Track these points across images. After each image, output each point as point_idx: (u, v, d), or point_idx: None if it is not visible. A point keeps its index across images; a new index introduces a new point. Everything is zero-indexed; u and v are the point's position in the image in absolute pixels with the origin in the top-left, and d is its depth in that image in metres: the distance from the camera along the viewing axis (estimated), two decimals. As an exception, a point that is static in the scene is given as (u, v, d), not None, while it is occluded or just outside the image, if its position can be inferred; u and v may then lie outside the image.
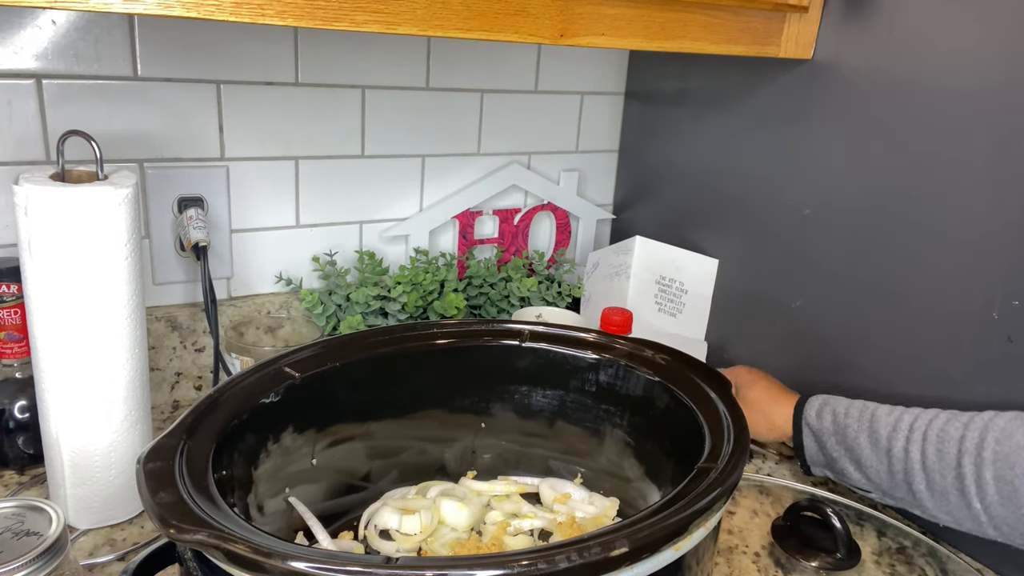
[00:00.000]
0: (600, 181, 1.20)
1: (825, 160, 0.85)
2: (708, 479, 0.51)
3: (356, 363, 0.67)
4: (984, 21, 0.69)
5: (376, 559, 0.42)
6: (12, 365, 0.74)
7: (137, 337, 0.66)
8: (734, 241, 0.98)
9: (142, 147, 0.85)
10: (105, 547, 0.67)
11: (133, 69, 0.82)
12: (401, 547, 0.66)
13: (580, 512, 0.71)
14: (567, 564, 0.41)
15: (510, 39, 0.66)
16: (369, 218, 1.02)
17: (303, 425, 0.64)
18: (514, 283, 1.06)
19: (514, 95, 1.07)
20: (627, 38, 0.73)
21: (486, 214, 1.10)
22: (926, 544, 0.74)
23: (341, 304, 0.96)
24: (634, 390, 0.70)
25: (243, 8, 0.54)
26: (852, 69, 0.81)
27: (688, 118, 1.04)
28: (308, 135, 0.94)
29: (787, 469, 0.86)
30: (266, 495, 0.60)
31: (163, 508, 0.44)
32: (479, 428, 0.75)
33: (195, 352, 0.91)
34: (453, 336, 0.72)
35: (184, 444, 0.52)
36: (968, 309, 0.71)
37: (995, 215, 0.69)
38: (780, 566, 0.70)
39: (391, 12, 0.60)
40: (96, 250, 0.61)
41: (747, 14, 0.79)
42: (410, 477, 0.73)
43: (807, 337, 0.89)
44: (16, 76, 0.77)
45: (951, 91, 0.72)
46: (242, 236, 0.94)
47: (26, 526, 0.49)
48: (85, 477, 0.67)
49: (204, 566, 0.44)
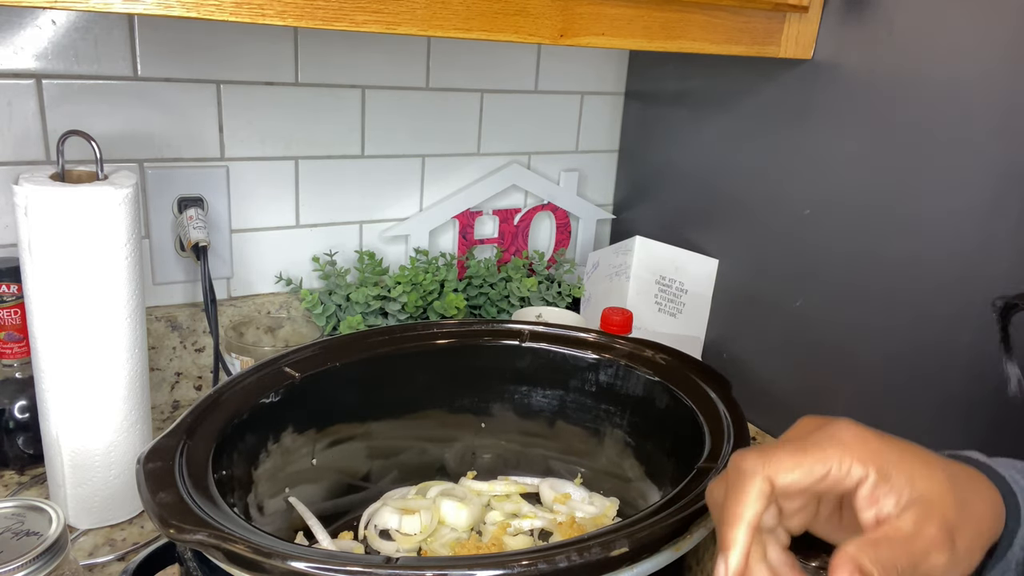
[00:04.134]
0: (600, 181, 1.20)
1: (825, 160, 0.85)
2: (708, 479, 0.51)
3: (356, 363, 0.67)
4: (984, 21, 0.69)
5: (376, 559, 0.42)
6: (12, 365, 0.74)
7: (137, 337, 0.66)
8: (734, 241, 0.98)
9: (142, 147, 0.84)
10: (105, 547, 0.67)
11: (133, 69, 0.82)
12: (401, 547, 0.66)
13: (580, 512, 0.71)
14: (567, 564, 0.41)
15: (510, 39, 0.66)
16: (369, 218, 1.02)
17: (303, 425, 0.64)
18: (514, 283, 1.06)
19: (514, 95, 1.07)
20: (627, 38, 0.73)
21: (486, 214, 1.10)
22: (926, 544, 0.74)
23: (341, 304, 0.96)
24: (634, 390, 0.70)
25: (243, 8, 0.54)
26: (852, 69, 0.81)
27: (688, 118, 1.04)
28: (308, 135, 0.94)
29: (787, 469, 0.86)
30: (266, 495, 0.60)
31: (163, 508, 0.44)
32: (479, 428, 0.75)
33: (195, 352, 0.91)
34: (453, 336, 0.72)
35: (184, 444, 0.52)
36: (968, 309, 0.71)
37: (995, 215, 0.69)
38: (780, 566, 0.70)
39: (391, 12, 0.60)
40: (96, 250, 0.61)
41: (747, 14, 0.79)
42: (410, 477, 0.73)
43: (807, 337, 0.89)
44: (16, 76, 0.77)
45: (951, 91, 0.72)
46: (242, 236, 0.94)
47: (26, 526, 0.49)
48: (85, 477, 0.67)
49: (204, 566, 0.44)
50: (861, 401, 0.82)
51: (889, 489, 0.38)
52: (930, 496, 0.38)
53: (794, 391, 0.91)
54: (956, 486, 0.39)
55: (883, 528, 0.37)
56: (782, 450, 0.39)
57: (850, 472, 0.38)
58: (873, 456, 0.38)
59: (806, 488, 0.39)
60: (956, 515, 0.38)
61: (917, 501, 0.37)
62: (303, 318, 0.96)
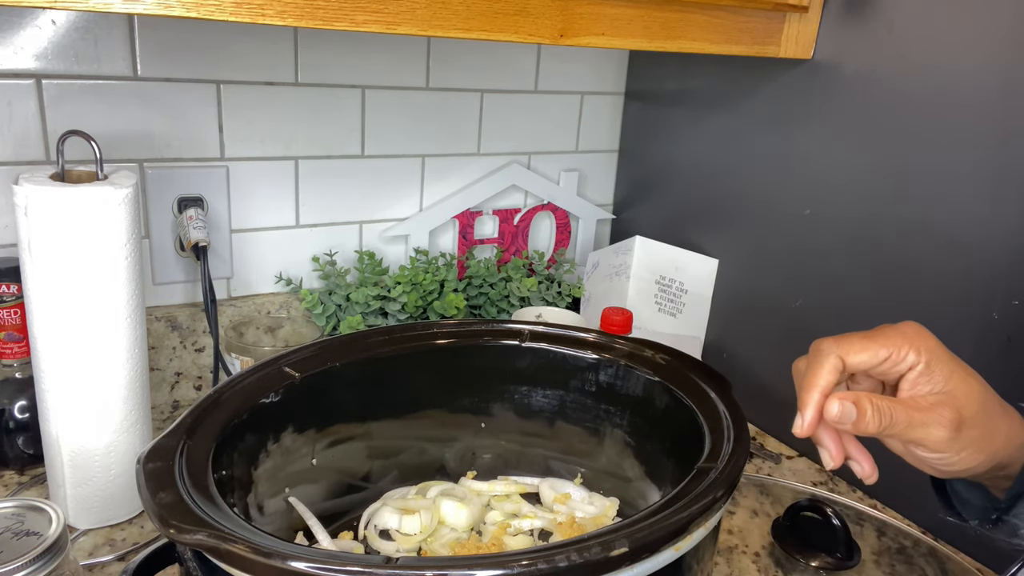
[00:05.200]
0: (600, 181, 1.20)
1: (825, 160, 0.85)
2: (708, 479, 0.51)
3: (356, 363, 0.67)
4: (984, 21, 0.69)
5: (376, 559, 0.42)
6: (12, 365, 0.74)
7: (137, 337, 0.66)
8: (734, 241, 0.98)
9: (142, 147, 0.84)
10: (105, 547, 0.67)
11: (133, 69, 0.82)
12: (401, 547, 0.66)
13: (580, 512, 0.71)
14: (567, 564, 0.41)
15: (510, 39, 0.66)
16: (369, 218, 1.02)
17: (303, 425, 0.64)
18: (514, 283, 1.06)
19: (514, 95, 1.07)
20: (627, 38, 0.73)
21: (486, 214, 1.10)
22: (926, 544, 0.74)
23: (341, 304, 0.96)
24: (634, 390, 0.70)
25: (243, 8, 0.54)
26: (852, 69, 0.81)
27: (688, 118, 1.04)
28: (308, 135, 0.94)
29: (787, 469, 0.86)
30: (266, 495, 0.60)
31: (163, 508, 0.44)
32: (479, 428, 0.75)
33: (195, 352, 0.91)
34: (453, 336, 0.72)
35: (184, 444, 0.51)
36: (968, 309, 0.71)
37: (995, 214, 0.69)
38: (780, 566, 0.70)
39: (391, 12, 0.60)
40: (96, 250, 0.61)
41: (747, 14, 0.79)
42: (410, 477, 0.73)
43: (807, 337, 0.88)
44: (16, 76, 0.77)
45: (951, 91, 0.72)
46: (242, 236, 0.94)
47: (26, 526, 0.49)
48: (85, 477, 0.67)
49: (204, 566, 0.44)
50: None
51: (930, 378, 0.47)
52: (957, 393, 0.46)
53: (794, 391, 0.91)
54: (986, 401, 0.47)
55: (915, 397, 0.47)
56: (855, 336, 0.48)
57: (906, 358, 0.47)
58: (928, 350, 0.47)
59: (871, 367, 0.48)
60: (972, 415, 0.46)
61: (945, 391, 0.47)
62: (303, 318, 0.96)
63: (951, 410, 0.46)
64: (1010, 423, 0.49)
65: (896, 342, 0.47)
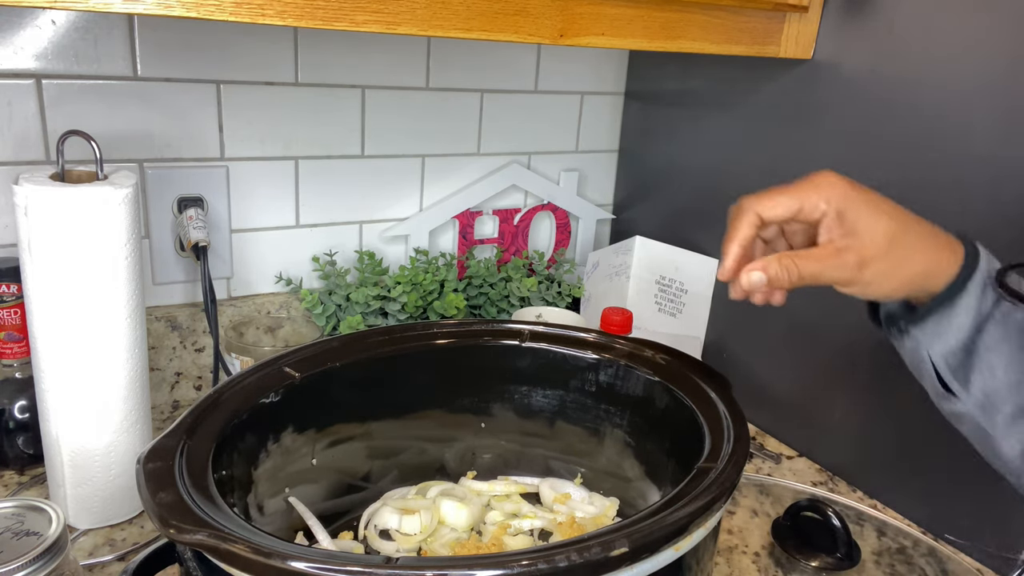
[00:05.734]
0: (600, 181, 1.20)
1: (825, 160, 0.84)
2: (708, 479, 0.51)
3: (356, 363, 0.67)
4: (984, 21, 0.69)
5: (376, 559, 0.42)
6: (12, 365, 0.74)
7: (137, 337, 0.66)
8: (734, 241, 0.98)
9: (142, 147, 0.84)
10: (105, 547, 0.67)
11: (133, 69, 0.82)
12: (401, 547, 0.66)
13: (580, 512, 0.71)
14: (567, 564, 0.41)
15: (510, 39, 0.66)
16: (369, 218, 1.02)
17: (303, 425, 0.64)
18: (514, 283, 1.06)
19: (514, 95, 1.07)
20: (627, 38, 0.73)
21: (486, 214, 1.10)
22: (926, 544, 0.74)
23: (341, 304, 0.96)
24: (634, 390, 0.70)
25: (243, 8, 0.54)
26: (852, 69, 0.81)
27: (688, 118, 1.04)
28: (308, 135, 0.94)
29: (787, 469, 0.86)
30: (266, 495, 0.60)
31: (163, 508, 0.44)
32: (479, 428, 0.75)
33: (195, 352, 0.92)
34: (453, 336, 0.72)
35: (184, 444, 0.51)
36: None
37: (995, 214, 0.69)
38: (780, 566, 0.70)
39: (391, 12, 0.60)
40: (96, 250, 0.61)
41: (747, 14, 0.79)
42: (410, 477, 0.73)
43: (807, 337, 0.89)
44: (16, 76, 0.77)
45: (951, 91, 0.72)
46: (242, 236, 0.94)
47: (26, 526, 0.49)
48: (85, 477, 0.67)
49: (204, 566, 0.44)
50: (861, 400, 0.82)
51: (839, 224, 0.51)
52: (863, 235, 0.51)
53: (794, 391, 0.91)
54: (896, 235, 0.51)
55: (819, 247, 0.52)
56: (772, 191, 0.53)
57: (817, 206, 0.52)
58: (838, 199, 0.51)
59: (787, 218, 0.53)
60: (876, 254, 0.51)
61: (850, 235, 0.51)
62: (303, 318, 0.96)
63: (852, 253, 0.51)
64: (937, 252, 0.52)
65: (807, 193, 0.52)
